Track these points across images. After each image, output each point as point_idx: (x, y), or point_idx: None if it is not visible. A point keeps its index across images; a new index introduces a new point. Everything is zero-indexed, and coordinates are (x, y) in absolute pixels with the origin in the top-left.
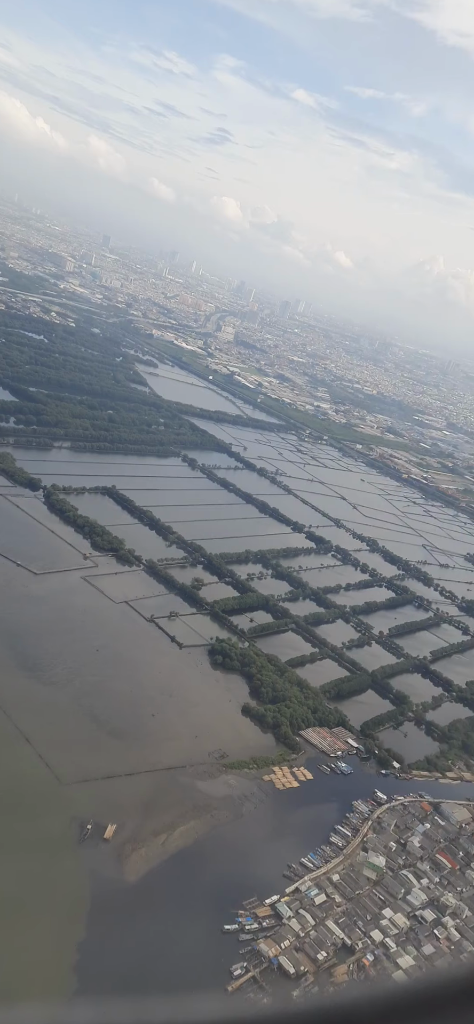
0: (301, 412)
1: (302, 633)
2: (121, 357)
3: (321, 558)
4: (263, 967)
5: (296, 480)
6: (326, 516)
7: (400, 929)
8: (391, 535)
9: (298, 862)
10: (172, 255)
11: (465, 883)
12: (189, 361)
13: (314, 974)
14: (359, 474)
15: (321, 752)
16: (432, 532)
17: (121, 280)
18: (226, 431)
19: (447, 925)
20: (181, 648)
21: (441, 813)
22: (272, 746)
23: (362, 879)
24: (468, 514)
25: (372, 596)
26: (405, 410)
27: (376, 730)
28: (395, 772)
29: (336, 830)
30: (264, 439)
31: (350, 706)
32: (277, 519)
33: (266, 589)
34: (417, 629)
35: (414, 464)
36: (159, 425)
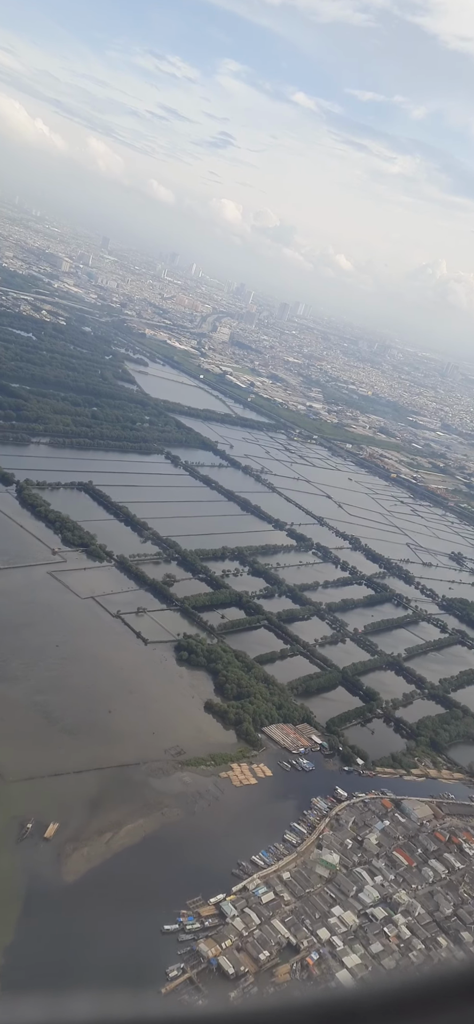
0: (292, 412)
1: (274, 630)
2: (111, 355)
3: (301, 555)
4: (201, 968)
5: (281, 478)
6: (310, 514)
7: (349, 927)
8: (375, 534)
9: (249, 860)
10: (172, 257)
11: (421, 880)
12: (181, 360)
13: (255, 974)
14: (347, 473)
15: (283, 749)
16: (418, 531)
17: (117, 281)
18: (213, 429)
19: (398, 923)
20: (146, 644)
21: (402, 810)
22: (233, 743)
23: (314, 877)
24: (456, 514)
25: (350, 594)
26: (400, 411)
27: (342, 727)
28: (359, 769)
29: (292, 827)
30: (252, 438)
31: (318, 703)
32: (259, 516)
33: (241, 586)
34: (394, 627)
35: (404, 464)
36: (144, 422)
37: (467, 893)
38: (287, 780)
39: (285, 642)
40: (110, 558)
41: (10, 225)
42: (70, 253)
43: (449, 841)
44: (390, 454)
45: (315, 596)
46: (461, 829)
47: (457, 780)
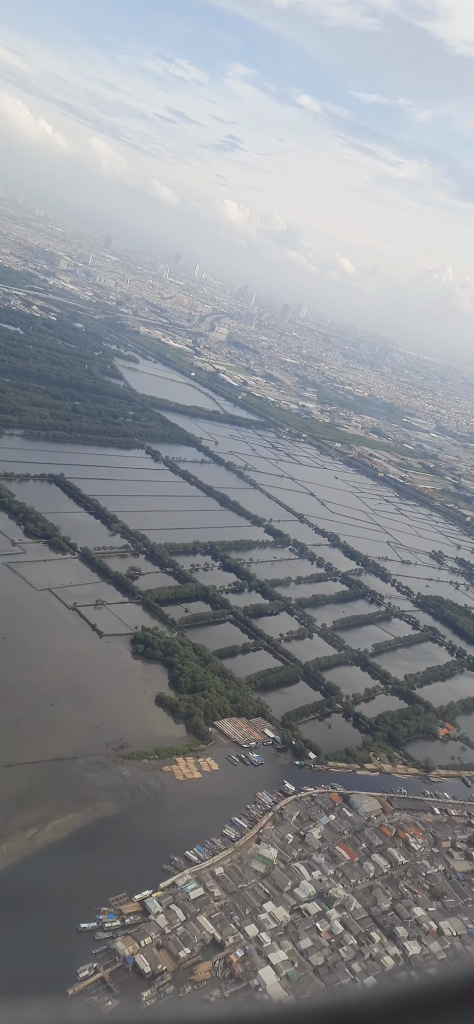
0: (284, 411)
1: (240, 624)
2: (100, 352)
3: (277, 551)
4: (116, 967)
5: (265, 475)
6: (290, 511)
7: (279, 923)
8: (356, 531)
9: (182, 855)
10: (176, 259)
11: (361, 875)
12: (174, 358)
13: (173, 973)
14: (334, 472)
15: (234, 743)
16: (400, 530)
17: (116, 280)
18: (200, 426)
19: (331, 918)
20: (101, 637)
21: (350, 805)
22: (182, 737)
23: (249, 872)
24: (442, 513)
25: (323, 590)
26: (395, 413)
27: (298, 721)
28: (310, 763)
29: (232, 822)
30: (239, 435)
31: (277, 697)
32: (237, 512)
33: (211, 580)
34: (365, 623)
35: (394, 464)
36: (127, 417)
37: (407, 888)
38: (234, 774)
39: (250, 637)
40: (74, 550)
41: (11, 224)
42: (70, 252)
43: (395, 836)
44: (380, 454)
45: (286, 592)
46: (409, 824)
47: (412, 775)
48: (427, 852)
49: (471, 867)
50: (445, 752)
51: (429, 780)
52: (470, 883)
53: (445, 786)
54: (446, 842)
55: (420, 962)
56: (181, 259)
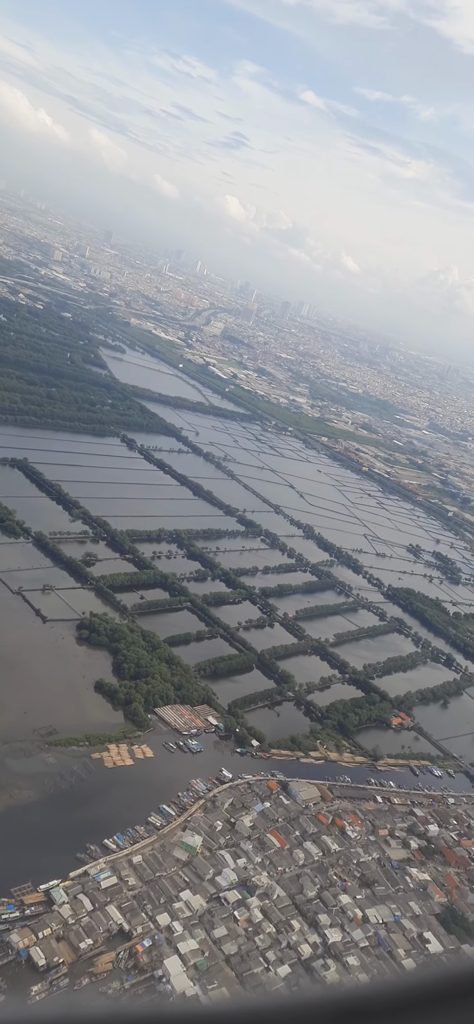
0: (273, 404)
1: (198, 612)
2: (86, 341)
3: (248, 541)
4: (8, 960)
5: (245, 467)
6: (267, 502)
7: (194, 912)
8: (333, 524)
9: (100, 843)
10: (177, 254)
11: (290, 863)
12: (163, 350)
13: (70, 965)
14: (318, 465)
15: (174, 730)
16: (379, 523)
17: (111, 272)
18: (182, 417)
19: (251, 906)
20: (45, 622)
21: (288, 792)
22: (119, 724)
23: (170, 860)
24: (424, 508)
25: (291, 580)
26: (388, 409)
27: (247, 709)
28: (252, 751)
29: (160, 809)
30: (223, 427)
31: (227, 685)
32: (210, 502)
33: (174, 568)
34: (330, 613)
35: (381, 459)
36: (104, 405)
37: (337, 875)
38: (169, 762)
39: (207, 624)
40: (27, 534)
41: (9, 215)
42: (67, 244)
43: (332, 824)
44: (367, 449)
45: (252, 581)
46: (349, 812)
47: (358, 763)
48: (363, 840)
49: (407, 855)
50: (398, 741)
51: (376, 769)
52: (404, 871)
53: (393, 775)
54: (384, 830)
55: (340, 949)
56: (183, 255)
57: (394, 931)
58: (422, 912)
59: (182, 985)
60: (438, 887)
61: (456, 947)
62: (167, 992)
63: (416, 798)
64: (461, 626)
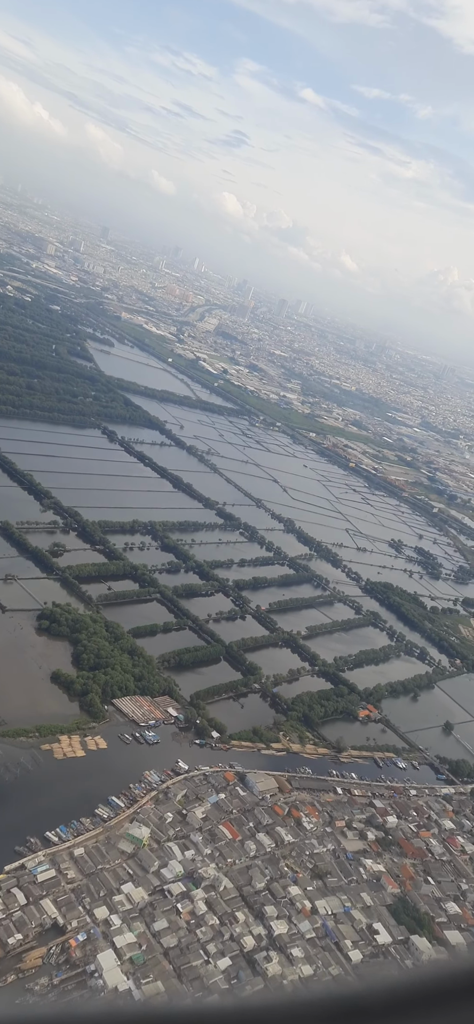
0: (263, 400)
1: (167, 604)
2: (73, 333)
3: (226, 534)
4: None
5: (229, 461)
6: (248, 496)
7: (134, 905)
8: (315, 518)
9: (41, 836)
10: (175, 251)
11: (241, 854)
12: (153, 344)
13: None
14: (304, 461)
15: (131, 721)
16: (362, 518)
17: (105, 267)
18: (167, 410)
19: (195, 898)
20: (3, 611)
21: (245, 783)
22: (74, 714)
23: (114, 852)
24: (410, 504)
25: (267, 573)
26: (381, 407)
27: (210, 700)
28: (212, 742)
29: (109, 801)
30: (209, 421)
31: (192, 677)
32: (189, 495)
33: (146, 559)
34: (304, 606)
35: (369, 456)
36: (87, 397)
37: (288, 867)
38: (123, 753)
39: (176, 616)
40: None
41: (4, 209)
42: (62, 239)
43: (288, 815)
44: (356, 445)
45: (227, 574)
46: (307, 803)
47: (321, 755)
48: (319, 831)
49: (364, 847)
50: (364, 733)
51: (339, 761)
52: (358, 862)
53: (356, 767)
54: (341, 822)
55: (285, 941)
56: (181, 252)
57: (343, 922)
58: (374, 903)
59: (115, 980)
60: (393, 878)
61: (405, 938)
62: (98, 987)
63: (377, 790)
64: (438, 620)
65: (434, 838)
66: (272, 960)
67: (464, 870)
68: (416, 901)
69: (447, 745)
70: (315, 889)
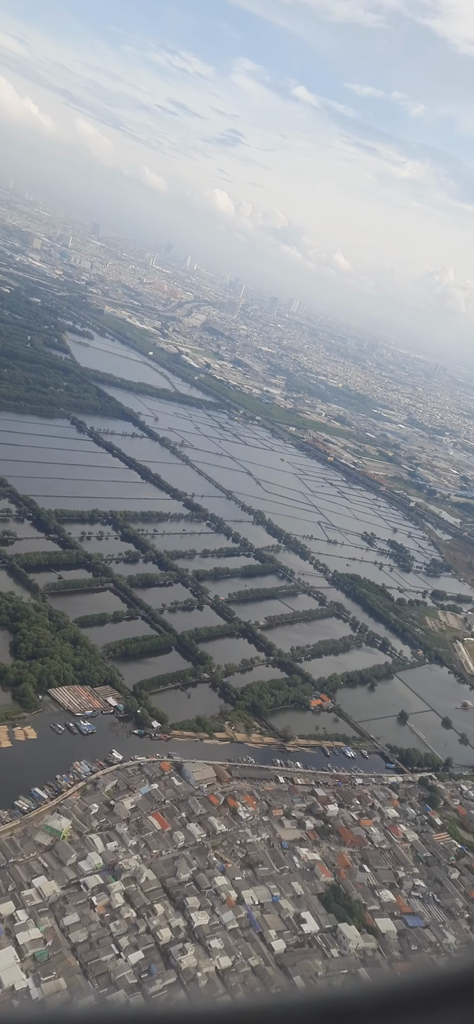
0: (244, 394)
1: (120, 593)
2: (52, 325)
3: (192, 525)
4: None
5: (203, 453)
6: (219, 487)
7: (45, 899)
8: (287, 511)
9: None
10: (167, 248)
11: (168, 845)
12: (135, 338)
13: None
14: (282, 454)
15: (66, 711)
16: (337, 511)
17: (92, 262)
18: (143, 402)
19: (113, 891)
20: None
21: (182, 773)
22: (6, 704)
23: (29, 845)
24: (387, 498)
25: (231, 564)
26: (367, 404)
27: (155, 690)
28: (152, 732)
29: (31, 793)
30: (186, 414)
31: (139, 667)
32: (157, 486)
33: (105, 549)
34: (267, 597)
35: (349, 450)
36: (59, 388)
37: (217, 857)
38: (53, 744)
39: (129, 606)
40: None
41: None
42: (50, 234)
43: (224, 804)
44: (337, 440)
45: (189, 564)
46: (245, 792)
47: (267, 744)
48: (254, 821)
49: (301, 835)
50: (316, 723)
51: (285, 750)
52: (293, 851)
53: (302, 756)
54: (279, 811)
55: (205, 932)
56: (173, 249)
57: (270, 912)
58: (304, 892)
59: (12, 979)
60: (328, 867)
61: (333, 926)
62: None
63: (322, 779)
64: (403, 612)
65: (375, 826)
66: (187, 952)
67: (403, 858)
68: (349, 889)
69: (401, 735)
70: (244, 879)
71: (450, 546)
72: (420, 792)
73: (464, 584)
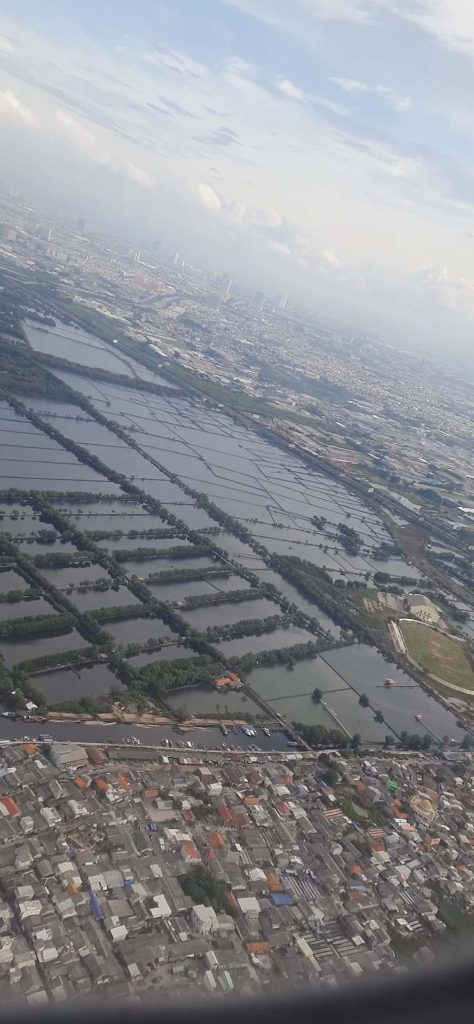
0: (212, 383)
1: (25, 573)
2: (11, 312)
3: (126, 507)
4: None
5: (154, 438)
6: (164, 471)
7: None
8: (236, 495)
9: None
10: (155, 245)
11: (13, 831)
12: (102, 327)
13: None
14: (241, 441)
15: None
16: (290, 496)
17: (69, 254)
18: (98, 388)
19: None
20: None
21: (49, 756)
22: None
23: None
24: (347, 485)
25: (162, 545)
26: (343, 395)
27: (41, 671)
28: (25, 714)
29: None
30: (143, 399)
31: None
32: (94, 468)
33: (18, 529)
34: (194, 578)
35: (315, 439)
36: (2, 370)
37: (70, 842)
38: None
39: (33, 586)
40: None
41: None
42: (29, 228)
43: (91, 787)
44: (303, 428)
45: (114, 545)
46: (120, 774)
47: (159, 724)
48: (124, 803)
49: (174, 816)
50: (221, 702)
51: (179, 729)
52: (161, 832)
53: (197, 735)
54: (153, 791)
55: (33, 923)
56: (161, 246)
57: (118, 897)
58: (163, 875)
59: None
60: (198, 847)
61: (188, 909)
62: None
63: (212, 757)
64: (340, 593)
65: (261, 804)
66: (2, 947)
67: (285, 835)
68: (216, 870)
69: (313, 713)
70: (96, 864)
71: (404, 531)
72: (318, 769)
73: (412, 568)
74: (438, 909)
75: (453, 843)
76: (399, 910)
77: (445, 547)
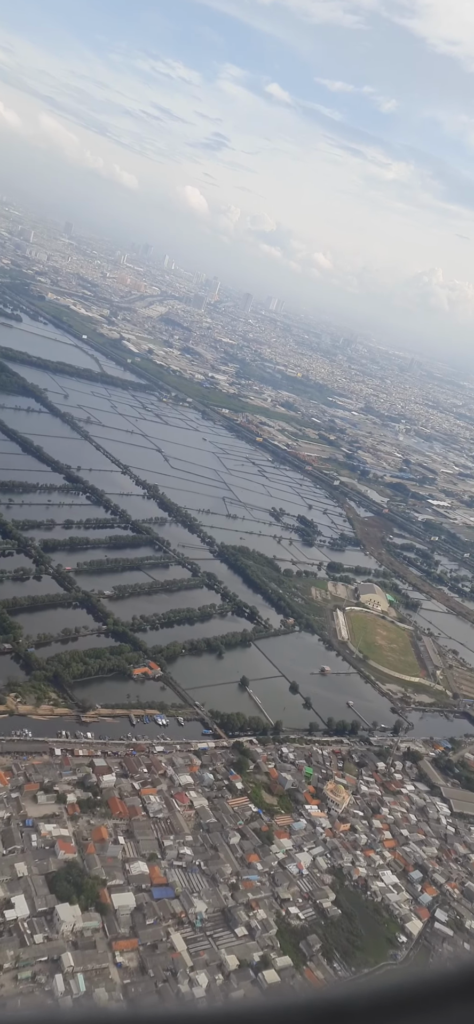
0: (184, 379)
1: None
2: None
3: (65, 497)
4: None
5: (111, 431)
6: (116, 462)
7: None
8: (191, 486)
9: None
10: (145, 248)
11: None
12: (74, 324)
13: None
14: (206, 434)
15: None
16: (250, 489)
17: (50, 255)
18: (58, 381)
19: None
20: None
21: None
22: None
23: None
24: (313, 478)
25: (101, 535)
26: (324, 392)
27: None
28: None
29: None
30: (105, 393)
31: None
32: (38, 458)
33: None
34: (129, 568)
35: (287, 433)
36: None
37: None
38: None
39: None
40: None
41: None
42: (12, 230)
43: None
44: (274, 423)
45: (46, 535)
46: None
47: (59, 715)
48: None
49: (55, 811)
50: (138, 691)
51: (82, 720)
52: (35, 828)
53: (100, 726)
54: (34, 785)
55: None
56: (151, 249)
57: None
58: (29, 873)
59: None
60: (77, 842)
61: (50, 908)
62: None
63: (113, 748)
64: (287, 583)
65: (159, 795)
66: None
67: (179, 826)
68: (92, 865)
69: (239, 701)
70: None
71: (366, 522)
72: (230, 757)
73: (370, 558)
74: (336, 896)
75: (364, 828)
76: (293, 898)
77: (408, 538)
